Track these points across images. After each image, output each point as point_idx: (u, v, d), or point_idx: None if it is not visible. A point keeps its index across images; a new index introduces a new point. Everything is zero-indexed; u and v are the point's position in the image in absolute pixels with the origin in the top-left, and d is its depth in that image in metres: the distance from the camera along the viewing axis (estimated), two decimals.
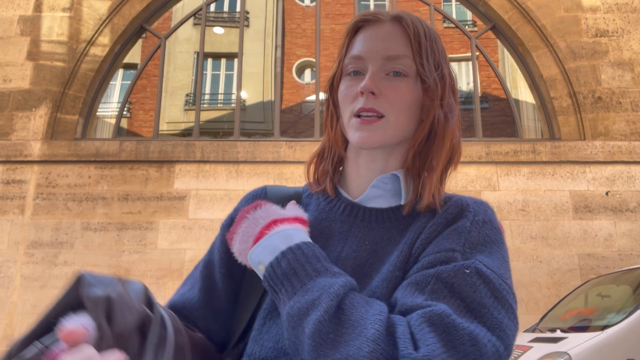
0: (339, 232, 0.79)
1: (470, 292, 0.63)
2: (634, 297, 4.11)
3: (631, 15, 6.84)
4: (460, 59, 7.60)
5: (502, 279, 0.67)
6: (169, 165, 6.36)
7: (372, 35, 0.79)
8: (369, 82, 0.76)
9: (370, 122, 0.76)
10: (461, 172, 6.31)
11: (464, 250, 0.69)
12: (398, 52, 0.77)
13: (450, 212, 0.75)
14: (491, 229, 0.75)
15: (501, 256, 0.72)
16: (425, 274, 0.66)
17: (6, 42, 6.79)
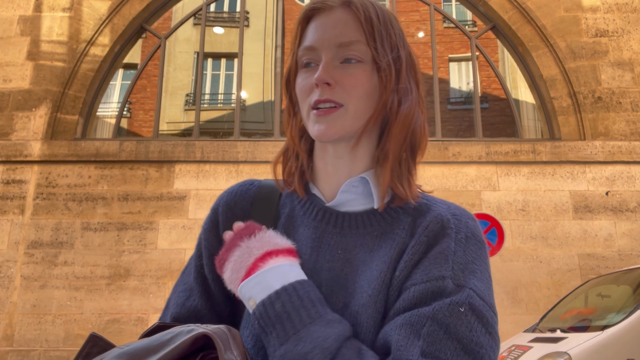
0: (312, 238, 0.77)
1: (466, 332, 0.62)
2: (634, 297, 4.11)
3: (631, 15, 6.84)
4: (460, 59, 7.61)
5: (491, 309, 0.67)
6: (169, 165, 6.36)
7: (323, 24, 0.76)
8: (323, 73, 0.73)
9: (328, 112, 0.73)
10: (461, 172, 6.31)
11: (453, 274, 0.67)
12: (350, 38, 0.74)
13: (431, 230, 0.72)
14: (475, 243, 0.72)
15: (487, 274, 0.72)
16: (420, 314, 0.64)
17: (6, 42, 6.79)
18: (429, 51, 7.25)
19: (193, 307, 0.80)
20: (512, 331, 5.59)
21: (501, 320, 5.77)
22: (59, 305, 5.86)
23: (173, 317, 0.80)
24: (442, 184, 6.28)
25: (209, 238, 0.83)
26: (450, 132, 7.11)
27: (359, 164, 0.79)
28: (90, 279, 5.93)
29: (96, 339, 0.66)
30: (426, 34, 7.42)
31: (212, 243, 0.82)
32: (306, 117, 0.77)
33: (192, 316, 0.79)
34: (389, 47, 0.77)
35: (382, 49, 0.76)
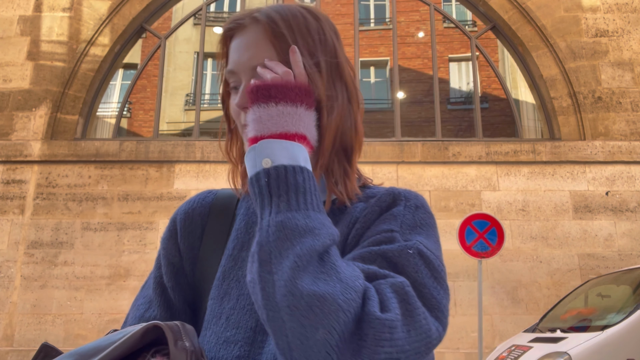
0: None
1: (412, 272, 0.64)
2: (634, 297, 4.11)
3: (631, 15, 6.84)
4: (460, 59, 7.61)
5: (439, 260, 0.69)
6: (169, 165, 6.36)
7: (238, 46, 0.76)
8: (240, 99, 0.73)
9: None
10: (461, 172, 6.32)
11: (402, 231, 0.70)
12: (259, 60, 0.73)
13: (383, 200, 0.75)
14: (425, 213, 0.75)
15: (436, 239, 0.74)
16: (370, 251, 0.66)
17: (6, 42, 6.79)
18: (429, 51, 7.25)
19: (152, 317, 0.79)
20: (512, 331, 5.59)
21: (501, 320, 5.77)
22: (59, 305, 5.86)
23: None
24: (442, 184, 6.28)
25: (167, 247, 0.84)
26: (450, 132, 7.10)
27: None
28: (90, 279, 5.93)
29: (48, 348, 0.66)
30: (426, 34, 7.42)
31: (172, 252, 0.84)
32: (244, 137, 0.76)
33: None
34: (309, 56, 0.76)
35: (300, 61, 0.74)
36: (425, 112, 7.16)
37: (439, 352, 5.66)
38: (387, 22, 7.86)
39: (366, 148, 6.37)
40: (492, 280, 5.92)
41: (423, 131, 6.98)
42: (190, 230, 0.85)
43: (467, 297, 5.85)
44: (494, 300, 5.86)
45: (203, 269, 0.82)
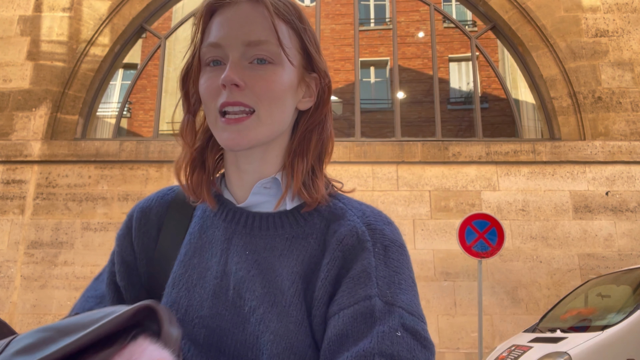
0: (221, 240, 0.74)
1: (408, 354, 0.63)
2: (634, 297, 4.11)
3: (631, 15, 6.84)
4: (460, 59, 7.61)
5: (421, 320, 0.68)
6: (168, 165, 6.36)
7: (229, 19, 0.70)
8: (231, 73, 0.67)
9: (238, 120, 0.68)
10: (461, 172, 6.32)
11: (380, 292, 0.66)
12: (259, 37, 0.68)
13: (345, 244, 0.69)
14: (395, 250, 0.71)
15: (411, 280, 0.71)
16: (367, 352, 0.62)
17: (6, 42, 6.79)
18: (429, 51, 7.25)
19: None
20: (512, 331, 5.60)
21: (501, 320, 5.77)
22: (59, 305, 5.86)
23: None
24: (442, 184, 6.28)
25: (122, 244, 0.80)
26: (450, 132, 7.11)
27: (270, 167, 0.75)
28: (90, 279, 5.90)
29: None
30: (426, 34, 7.42)
31: (126, 250, 0.79)
32: (213, 123, 0.71)
33: None
34: (301, 50, 0.74)
35: (294, 51, 0.73)
36: (425, 112, 7.16)
37: (439, 352, 5.66)
38: (387, 22, 7.86)
39: (366, 148, 6.37)
40: (492, 280, 5.92)
41: (423, 131, 6.98)
42: (145, 231, 0.79)
43: (467, 297, 5.85)
44: (494, 300, 5.86)
45: (156, 272, 0.77)
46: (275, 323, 0.67)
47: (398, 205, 6.17)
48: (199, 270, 0.73)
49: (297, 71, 0.73)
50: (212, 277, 0.72)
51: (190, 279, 0.73)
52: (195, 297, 0.71)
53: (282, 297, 0.68)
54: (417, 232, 6.09)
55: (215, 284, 0.71)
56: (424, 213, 6.17)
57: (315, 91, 0.77)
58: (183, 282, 0.73)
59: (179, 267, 0.74)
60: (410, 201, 6.22)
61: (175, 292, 0.72)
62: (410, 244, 6.02)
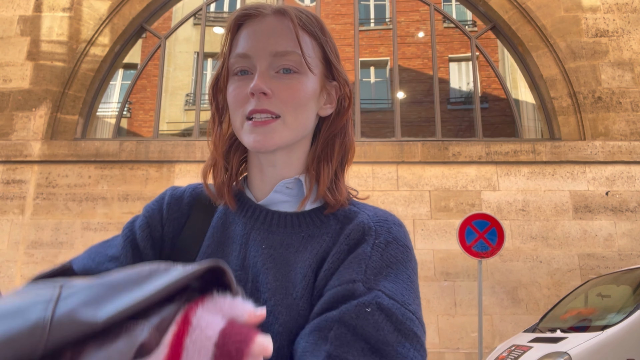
0: (241, 235, 0.77)
1: (373, 331, 0.61)
2: (634, 297, 4.11)
3: (631, 15, 6.84)
4: (460, 59, 7.61)
5: (405, 307, 0.65)
6: (169, 165, 6.36)
7: (256, 31, 0.75)
8: (259, 82, 0.71)
9: (265, 123, 0.72)
10: (461, 172, 6.32)
11: (366, 278, 0.66)
12: (286, 48, 0.73)
13: (352, 238, 0.72)
14: (396, 247, 0.71)
15: (407, 277, 0.69)
16: (327, 319, 0.63)
17: (6, 42, 6.79)
18: (429, 51, 7.25)
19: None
20: (512, 331, 5.60)
21: (501, 320, 5.77)
22: None
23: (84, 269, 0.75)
24: (442, 184, 6.28)
25: (152, 218, 0.81)
26: (450, 132, 7.11)
27: (292, 170, 0.79)
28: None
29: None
30: (426, 34, 7.42)
31: (155, 226, 0.80)
32: (239, 127, 0.75)
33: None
34: (323, 60, 0.78)
35: (317, 61, 0.77)
36: (425, 112, 7.16)
37: (439, 352, 5.66)
38: (387, 22, 7.86)
39: (366, 148, 6.37)
40: (492, 280, 5.92)
41: (423, 131, 6.98)
42: (176, 217, 0.82)
43: (467, 297, 5.85)
44: (494, 300, 5.86)
45: (178, 259, 0.78)
46: (284, 315, 0.69)
47: (398, 205, 6.17)
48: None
49: (319, 80, 0.78)
50: (232, 269, 0.74)
51: None
52: None
53: (294, 290, 0.70)
54: (417, 232, 6.09)
55: (235, 275, 0.73)
56: (424, 213, 6.17)
57: (335, 98, 0.81)
58: None
59: (201, 259, 0.77)
60: (410, 201, 6.22)
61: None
62: None
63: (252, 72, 0.74)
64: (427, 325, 5.79)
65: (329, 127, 0.81)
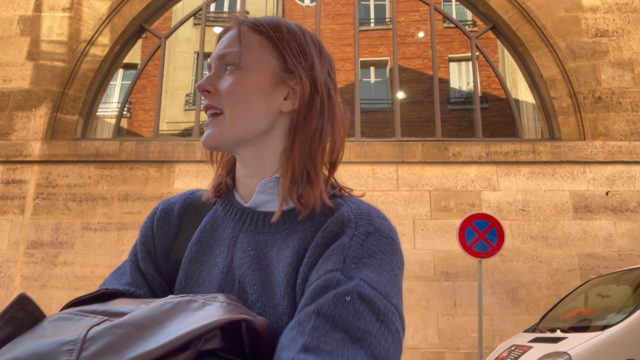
0: (229, 238, 0.78)
1: (354, 320, 0.58)
2: (634, 297, 4.11)
3: (631, 15, 6.84)
4: (460, 59, 7.60)
5: (387, 299, 0.62)
6: (169, 165, 6.36)
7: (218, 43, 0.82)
8: (203, 81, 0.77)
9: (211, 120, 0.77)
10: (461, 172, 6.32)
11: (344, 267, 0.64)
12: (227, 49, 0.78)
13: (330, 231, 0.70)
14: (379, 239, 0.68)
15: (390, 269, 0.66)
16: (306, 312, 0.60)
17: (6, 42, 6.79)
18: (429, 51, 7.25)
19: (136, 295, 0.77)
20: (512, 331, 5.60)
21: (501, 320, 5.77)
22: (59, 305, 5.86)
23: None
24: (442, 184, 6.28)
25: (145, 236, 0.83)
26: (450, 132, 7.10)
27: (269, 169, 0.79)
28: (90, 279, 5.93)
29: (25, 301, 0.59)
30: (426, 34, 7.42)
31: (149, 242, 0.83)
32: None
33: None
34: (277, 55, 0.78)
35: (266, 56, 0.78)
36: (425, 112, 7.16)
37: (439, 352, 5.66)
38: (387, 22, 7.86)
39: (366, 148, 6.37)
40: (492, 280, 5.92)
41: (423, 131, 6.98)
42: (166, 229, 0.83)
43: (467, 297, 5.85)
44: (494, 300, 5.86)
45: (172, 269, 0.81)
46: (271, 316, 0.70)
47: (398, 205, 6.17)
48: (208, 267, 0.77)
49: (268, 73, 0.77)
50: (219, 272, 0.76)
51: (201, 275, 0.77)
52: (203, 292, 0.75)
53: (278, 289, 0.71)
54: (417, 232, 6.09)
55: (221, 278, 0.75)
56: (424, 213, 6.17)
57: (301, 93, 0.79)
58: (195, 278, 0.77)
59: (191, 264, 0.78)
60: (410, 201, 6.22)
61: (188, 288, 0.77)
62: (410, 244, 6.02)
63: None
64: (427, 325, 5.80)
65: (297, 123, 0.78)
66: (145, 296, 0.77)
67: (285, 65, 0.78)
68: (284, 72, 0.78)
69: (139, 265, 0.81)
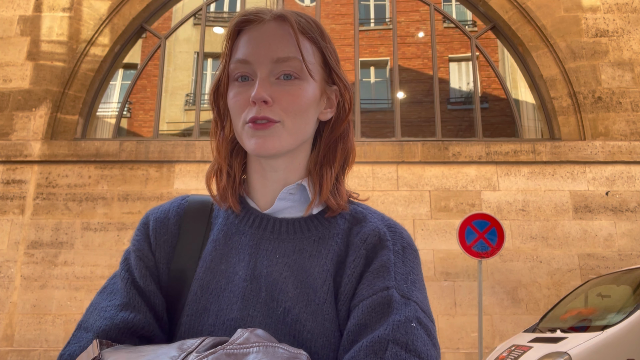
0: (249, 245, 0.76)
1: (421, 346, 0.65)
2: (634, 297, 4.11)
3: (631, 15, 6.84)
4: (460, 59, 7.61)
5: (430, 319, 0.71)
6: (169, 165, 6.36)
7: (257, 37, 0.74)
8: (260, 90, 0.71)
9: (265, 126, 0.72)
10: (461, 172, 6.31)
11: (397, 285, 0.71)
12: (287, 54, 0.73)
13: (369, 243, 0.75)
14: (411, 253, 0.77)
15: (422, 282, 0.76)
16: (380, 340, 0.65)
17: (6, 42, 6.79)
18: (429, 51, 7.25)
19: (131, 319, 0.71)
20: (512, 331, 5.60)
21: (501, 320, 5.77)
22: (59, 305, 5.86)
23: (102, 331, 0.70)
24: (442, 184, 6.28)
25: (142, 249, 0.79)
26: (450, 132, 7.11)
27: (294, 175, 0.80)
28: (90, 279, 5.93)
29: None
30: (426, 34, 7.42)
31: (147, 256, 0.78)
32: (240, 131, 0.75)
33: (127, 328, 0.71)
34: (323, 65, 0.79)
35: (317, 67, 0.77)
36: (425, 112, 7.16)
37: None
38: (387, 22, 7.86)
39: (366, 148, 6.37)
40: (492, 280, 5.92)
41: (423, 131, 6.98)
42: (165, 240, 0.80)
43: (467, 297, 5.85)
44: (494, 300, 5.86)
45: (176, 281, 0.77)
46: (311, 322, 0.70)
47: (398, 205, 6.17)
48: (226, 276, 0.75)
49: (319, 85, 0.78)
50: (241, 280, 0.74)
51: (219, 284, 0.75)
52: (224, 301, 0.73)
53: (315, 295, 0.72)
54: (417, 232, 6.09)
55: (244, 286, 0.73)
56: (424, 213, 6.17)
57: (335, 103, 0.81)
58: (212, 288, 0.74)
59: (206, 274, 0.75)
60: (410, 201, 6.22)
61: (205, 298, 0.74)
62: None
63: (252, 78, 0.74)
64: None
65: (330, 131, 0.81)
66: (145, 318, 0.72)
67: (329, 77, 0.80)
68: (326, 84, 0.80)
69: (135, 283, 0.76)
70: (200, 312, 0.73)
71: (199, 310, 0.73)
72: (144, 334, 0.72)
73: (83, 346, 0.68)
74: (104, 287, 0.79)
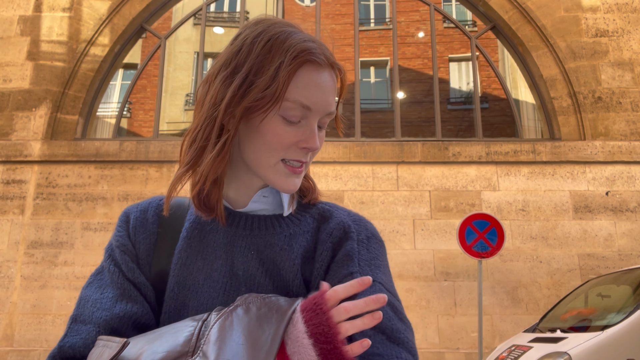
0: (223, 243, 0.77)
1: (387, 322, 0.69)
2: (634, 297, 4.10)
3: (631, 15, 6.84)
4: (460, 59, 7.61)
5: (397, 298, 0.75)
6: (169, 165, 6.36)
7: (320, 85, 0.73)
8: (317, 142, 0.76)
9: (302, 169, 0.78)
10: (461, 172, 6.32)
11: (361, 270, 0.74)
12: (333, 109, 0.78)
13: (335, 236, 0.79)
14: (376, 242, 0.81)
15: (389, 268, 0.80)
16: None
17: (6, 42, 6.79)
18: (429, 51, 7.25)
19: (129, 308, 0.73)
20: (512, 331, 5.60)
21: (501, 320, 5.77)
22: (59, 305, 5.86)
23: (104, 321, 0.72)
24: (442, 184, 6.28)
25: (126, 244, 0.79)
26: (450, 132, 7.10)
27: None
28: None
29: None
30: (426, 34, 7.42)
31: (130, 250, 0.79)
32: (270, 166, 0.75)
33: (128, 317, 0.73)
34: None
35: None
36: (425, 112, 7.16)
37: (439, 352, 5.66)
38: (387, 22, 7.86)
39: (366, 148, 6.37)
40: (492, 280, 5.92)
41: (423, 131, 6.98)
42: (143, 237, 0.80)
43: (467, 297, 5.85)
44: (494, 300, 5.86)
45: (158, 279, 0.78)
46: None
47: (398, 205, 6.17)
48: (204, 272, 0.77)
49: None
50: (221, 276, 0.76)
51: (196, 280, 0.76)
52: (203, 297, 0.75)
53: (289, 289, 0.76)
54: (417, 232, 6.09)
55: (224, 282, 0.76)
56: (424, 213, 6.17)
57: None
58: (189, 284, 0.76)
59: (182, 270, 0.77)
60: (410, 201, 6.22)
61: (182, 294, 0.76)
62: (410, 244, 6.02)
63: (301, 119, 0.74)
64: (427, 325, 5.80)
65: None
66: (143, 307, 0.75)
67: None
68: None
69: (125, 275, 0.77)
70: (178, 308, 0.75)
71: (177, 306, 0.75)
72: (144, 322, 0.74)
73: (84, 338, 0.71)
74: (89, 282, 0.79)
